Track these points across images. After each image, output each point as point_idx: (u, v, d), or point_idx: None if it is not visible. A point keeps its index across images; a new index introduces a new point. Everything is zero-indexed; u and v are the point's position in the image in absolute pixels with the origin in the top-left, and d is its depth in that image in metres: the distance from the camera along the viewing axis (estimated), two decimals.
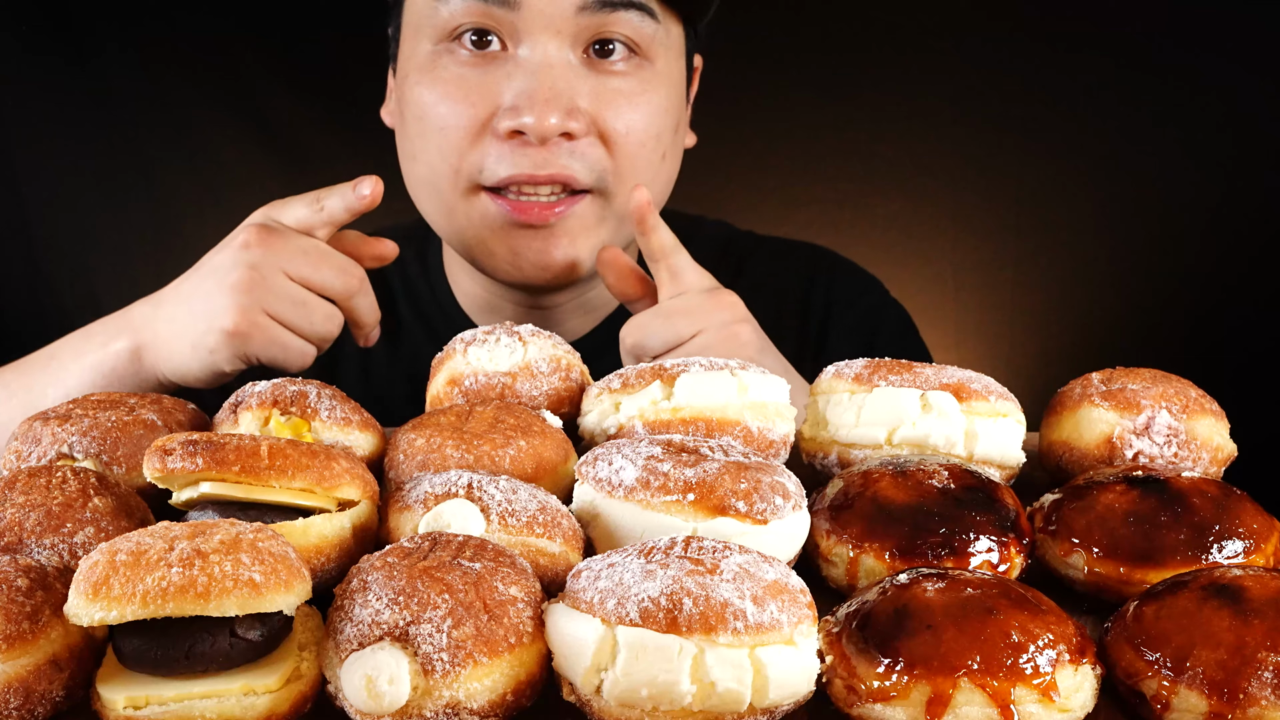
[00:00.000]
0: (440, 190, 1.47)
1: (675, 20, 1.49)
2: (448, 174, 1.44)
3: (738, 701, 0.74)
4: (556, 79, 1.39)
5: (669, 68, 1.49)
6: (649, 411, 1.07)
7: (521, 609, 0.77)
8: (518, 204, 1.43)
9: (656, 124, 1.46)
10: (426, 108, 1.44)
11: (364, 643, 0.74)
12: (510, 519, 0.88)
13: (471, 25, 1.41)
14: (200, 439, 0.86)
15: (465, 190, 1.44)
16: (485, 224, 1.46)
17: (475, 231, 1.48)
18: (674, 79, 1.50)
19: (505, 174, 1.41)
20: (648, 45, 1.44)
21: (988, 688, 0.74)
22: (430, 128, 1.44)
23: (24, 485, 0.90)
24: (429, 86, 1.43)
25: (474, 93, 1.41)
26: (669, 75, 1.49)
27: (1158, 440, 1.07)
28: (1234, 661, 0.75)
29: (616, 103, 1.43)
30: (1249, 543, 0.90)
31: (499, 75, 1.41)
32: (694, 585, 0.75)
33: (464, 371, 1.15)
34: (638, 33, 1.43)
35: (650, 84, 1.45)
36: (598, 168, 1.43)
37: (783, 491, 0.91)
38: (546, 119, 1.37)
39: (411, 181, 1.52)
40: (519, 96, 1.39)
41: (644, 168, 1.47)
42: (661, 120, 1.47)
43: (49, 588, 0.79)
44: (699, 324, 1.30)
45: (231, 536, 0.76)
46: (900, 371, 1.09)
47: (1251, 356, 2.40)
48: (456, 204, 1.46)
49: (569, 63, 1.41)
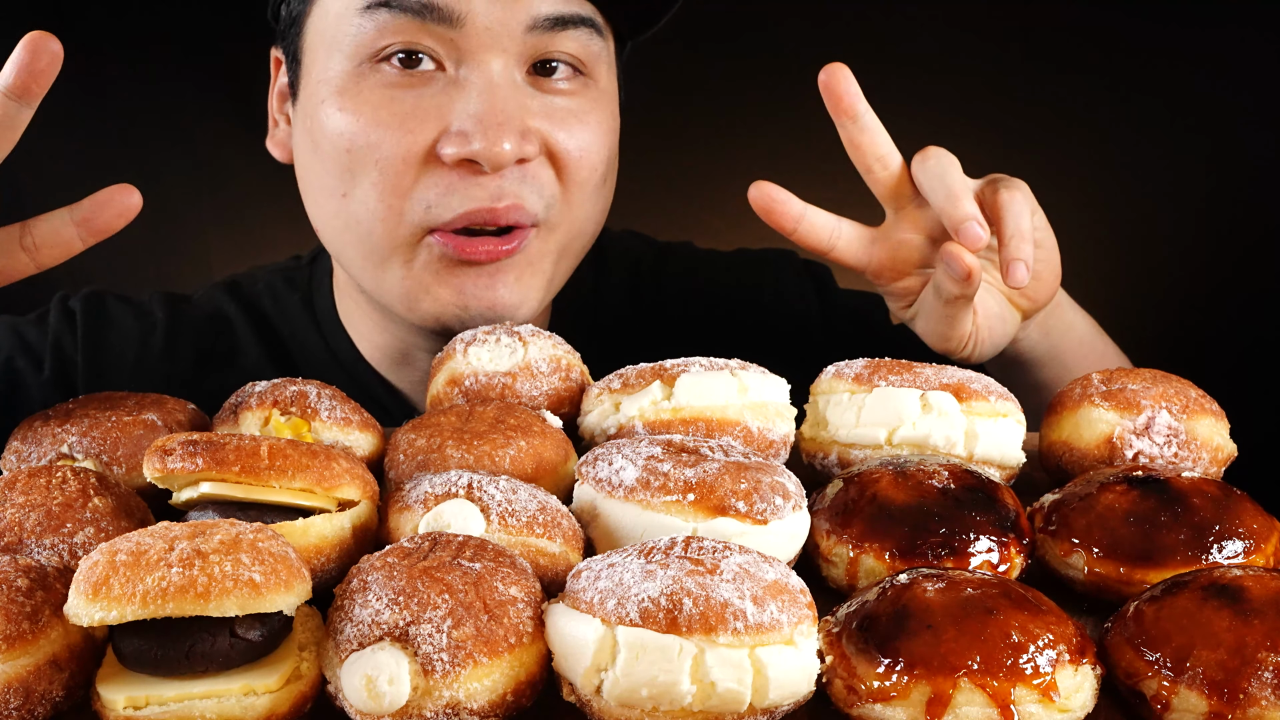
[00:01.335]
0: (373, 234, 1.28)
1: (610, 35, 1.37)
2: (385, 214, 1.26)
3: (738, 702, 0.74)
4: (506, 99, 1.24)
5: (610, 85, 1.38)
6: (649, 411, 1.07)
7: (521, 609, 0.77)
8: (467, 242, 1.27)
9: (605, 145, 1.34)
10: (353, 137, 1.25)
11: (364, 643, 0.74)
12: (510, 519, 0.88)
13: (402, 45, 1.24)
14: (200, 439, 0.86)
15: (410, 233, 1.27)
16: (429, 269, 1.29)
17: (417, 277, 1.30)
18: (613, 98, 1.39)
19: (460, 209, 1.25)
20: (593, 64, 1.32)
21: (988, 688, 0.74)
22: (362, 160, 1.25)
23: (24, 485, 0.90)
24: (353, 112, 1.25)
25: (410, 118, 1.24)
26: (611, 94, 1.38)
27: (1158, 440, 1.07)
28: (1234, 662, 0.75)
29: (568, 122, 1.30)
30: (1249, 543, 0.90)
31: (438, 97, 1.25)
32: (694, 585, 0.75)
33: (464, 371, 1.15)
34: (584, 50, 1.30)
35: (597, 102, 1.34)
36: (546, 194, 1.29)
37: (783, 491, 0.91)
38: (500, 144, 1.22)
39: (334, 223, 1.31)
40: (467, 120, 1.23)
41: (591, 193, 1.35)
42: (609, 140, 1.35)
43: (49, 588, 0.79)
44: None
45: (231, 536, 0.76)
46: (900, 371, 1.09)
47: (1252, 357, 2.40)
48: (396, 248, 1.28)
49: (514, 82, 1.27)
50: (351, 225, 1.30)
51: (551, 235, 1.34)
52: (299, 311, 1.55)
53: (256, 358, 1.53)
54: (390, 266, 1.31)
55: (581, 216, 1.36)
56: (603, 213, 1.42)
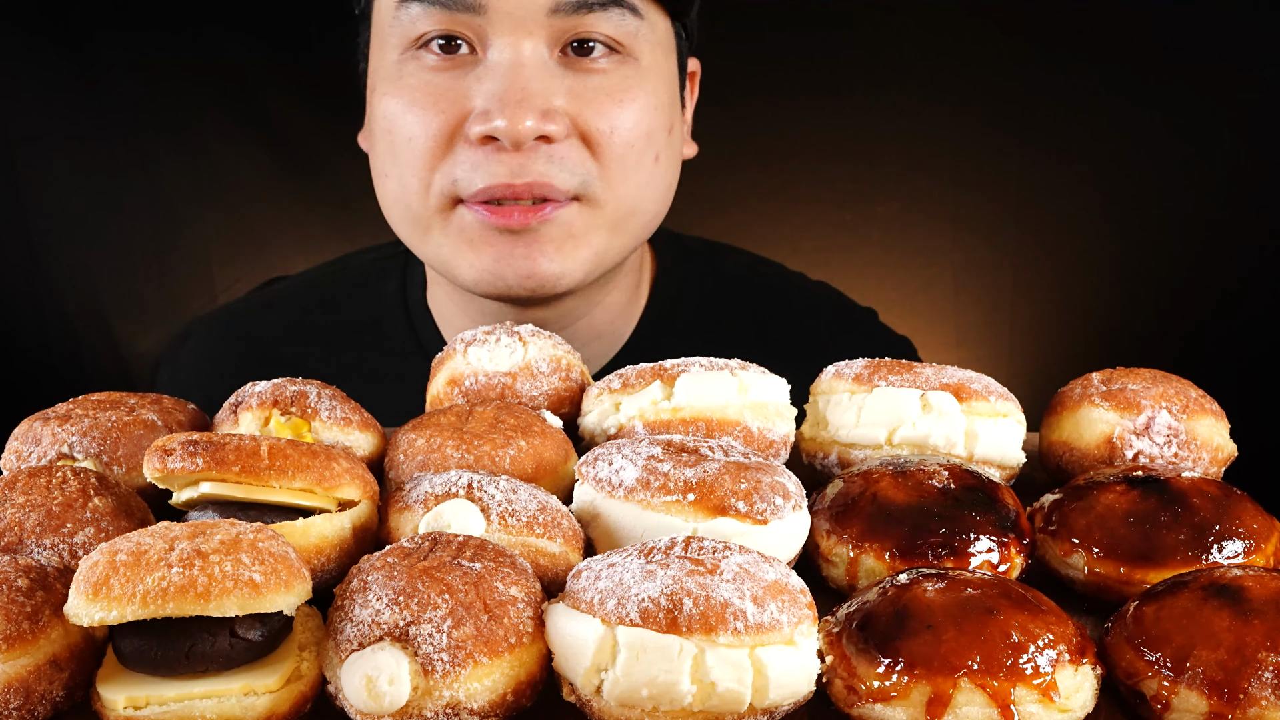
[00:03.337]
0: (412, 207, 1.37)
1: (660, 13, 1.39)
2: (419, 189, 1.35)
3: (738, 702, 0.74)
4: (529, 79, 1.29)
5: (657, 64, 1.39)
6: (649, 411, 1.07)
7: (521, 609, 0.77)
8: (497, 209, 1.33)
9: (646, 122, 1.36)
10: (393, 119, 1.35)
11: (364, 643, 0.74)
12: (510, 519, 0.88)
13: (438, 32, 1.32)
14: (200, 439, 0.86)
15: (440, 205, 1.35)
16: (464, 236, 1.36)
17: (454, 245, 1.37)
18: (664, 76, 1.40)
19: (481, 184, 1.31)
20: (631, 42, 1.35)
21: (988, 688, 0.74)
22: (399, 140, 1.34)
23: (24, 485, 0.90)
24: (395, 96, 1.35)
25: (442, 99, 1.32)
26: (657, 71, 1.39)
27: (1158, 440, 1.06)
28: (1234, 661, 0.75)
29: (598, 101, 1.33)
30: (1249, 543, 0.90)
31: (468, 79, 1.32)
32: (694, 585, 0.75)
33: (464, 371, 1.15)
34: (619, 30, 1.33)
35: (636, 80, 1.35)
36: (580, 172, 1.33)
37: (783, 491, 0.91)
38: (520, 122, 1.27)
39: (385, 202, 1.42)
40: (489, 99, 1.29)
41: (634, 170, 1.37)
42: (652, 118, 1.37)
43: (49, 588, 0.79)
44: None
45: (231, 537, 0.76)
46: (900, 372, 1.09)
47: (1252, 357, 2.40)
48: (432, 220, 1.37)
49: (543, 62, 1.31)
50: (394, 203, 1.39)
51: (598, 210, 1.37)
52: (391, 297, 1.64)
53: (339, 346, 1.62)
54: (431, 234, 1.39)
55: (629, 193, 1.38)
56: (664, 189, 1.44)
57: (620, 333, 1.59)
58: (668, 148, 1.42)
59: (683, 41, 1.47)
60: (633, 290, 1.59)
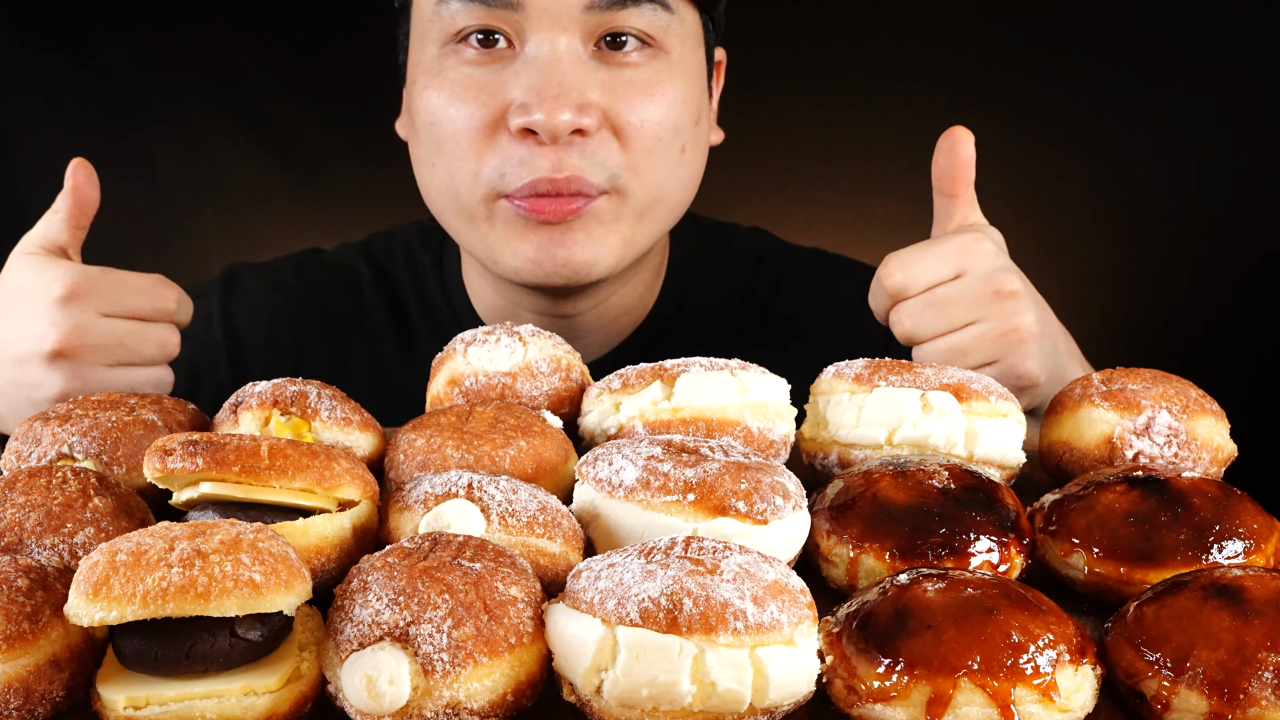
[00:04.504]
0: (460, 196, 1.43)
1: (690, 7, 1.45)
2: (467, 179, 1.41)
3: (738, 702, 0.74)
4: (565, 73, 1.35)
5: (686, 58, 1.45)
6: (649, 412, 1.07)
7: (521, 609, 0.77)
8: (536, 201, 1.39)
9: (674, 115, 1.42)
10: (436, 111, 1.41)
11: (364, 643, 0.74)
12: (510, 519, 0.88)
13: (476, 27, 1.38)
14: (200, 439, 0.86)
15: (486, 197, 1.41)
16: (509, 227, 1.43)
17: (499, 234, 1.44)
18: (692, 69, 1.46)
19: (525, 179, 1.37)
20: (662, 36, 1.41)
21: (988, 688, 0.74)
22: (444, 133, 1.41)
23: (24, 485, 0.90)
24: (437, 89, 1.41)
25: (482, 92, 1.38)
26: (686, 65, 1.45)
27: (1158, 440, 1.06)
28: (1234, 662, 0.75)
29: (630, 95, 1.39)
30: (1249, 543, 0.90)
31: (506, 73, 1.38)
32: (694, 585, 0.75)
33: (464, 372, 1.15)
34: (651, 24, 1.39)
35: (666, 75, 1.42)
36: (609, 166, 1.39)
37: (783, 491, 0.91)
38: (558, 116, 1.33)
39: (431, 191, 1.49)
40: (528, 93, 1.35)
41: (661, 161, 1.43)
42: (680, 111, 1.43)
43: (49, 588, 0.79)
44: (976, 314, 1.26)
45: (231, 537, 0.76)
46: (900, 372, 1.09)
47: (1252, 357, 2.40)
48: (478, 210, 1.43)
49: (578, 56, 1.37)
50: (442, 192, 1.45)
51: (625, 200, 1.43)
52: (429, 270, 1.71)
53: (381, 320, 1.70)
54: (476, 224, 1.45)
55: (656, 183, 1.44)
56: (688, 179, 1.50)
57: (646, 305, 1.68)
58: (694, 139, 1.48)
59: (710, 33, 1.52)
60: (657, 268, 1.67)
